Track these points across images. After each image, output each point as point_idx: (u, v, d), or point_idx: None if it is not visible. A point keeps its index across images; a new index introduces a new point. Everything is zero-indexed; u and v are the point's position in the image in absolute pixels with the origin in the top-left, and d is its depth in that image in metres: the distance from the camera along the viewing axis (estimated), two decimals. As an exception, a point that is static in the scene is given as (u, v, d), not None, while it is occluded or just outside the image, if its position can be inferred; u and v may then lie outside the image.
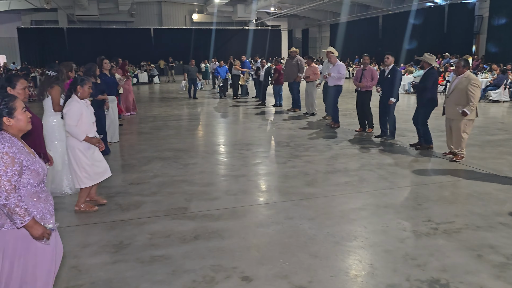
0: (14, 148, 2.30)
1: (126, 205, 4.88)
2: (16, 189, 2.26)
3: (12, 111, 2.39)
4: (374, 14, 30.09)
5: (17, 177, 2.27)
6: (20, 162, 2.30)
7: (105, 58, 8.45)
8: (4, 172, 2.22)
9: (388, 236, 3.94)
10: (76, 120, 4.26)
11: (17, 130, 2.42)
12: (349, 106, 13.25)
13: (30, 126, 2.50)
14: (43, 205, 2.44)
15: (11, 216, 2.23)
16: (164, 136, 8.99)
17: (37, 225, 2.30)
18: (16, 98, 2.45)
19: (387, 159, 6.77)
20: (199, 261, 3.54)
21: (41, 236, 2.32)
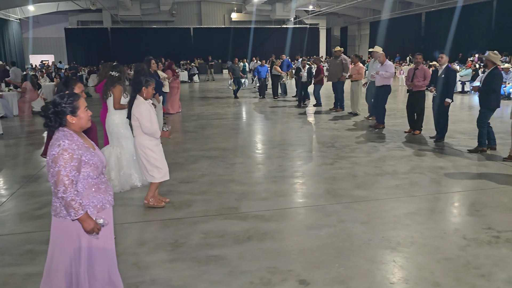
0: (74, 145, 2.44)
1: (178, 203, 4.97)
2: (74, 183, 2.42)
3: (75, 109, 2.53)
4: (416, 11, 29.25)
5: (75, 172, 2.42)
6: (78, 158, 2.45)
7: (152, 58, 8.62)
8: (63, 168, 2.38)
9: (447, 243, 3.81)
10: (149, 120, 4.46)
11: (78, 128, 2.56)
12: (393, 106, 12.96)
13: (90, 124, 2.64)
14: (103, 195, 2.62)
15: (67, 209, 2.41)
16: (209, 135, 9.10)
17: (89, 220, 2.47)
18: (80, 98, 2.59)
19: (438, 162, 6.56)
20: (254, 262, 3.55)
21: (92, 230, 2.49)
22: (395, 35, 31.21)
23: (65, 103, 2.48)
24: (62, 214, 2.52)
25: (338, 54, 11.97)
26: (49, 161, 2.44)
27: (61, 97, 2.50)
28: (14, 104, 12.62)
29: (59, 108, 2.47)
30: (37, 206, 4.98)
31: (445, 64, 7.71)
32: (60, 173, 2.37)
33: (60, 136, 2.46)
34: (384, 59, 9.33)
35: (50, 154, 2.43)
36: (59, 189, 2.37)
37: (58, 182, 2.37)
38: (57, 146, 2.41)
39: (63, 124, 2.49)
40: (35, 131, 10.16)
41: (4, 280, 3.35)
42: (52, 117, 2.46)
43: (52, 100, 2.51)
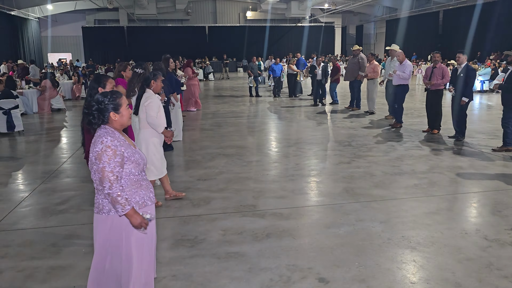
0: (116, 142, 2.47)
1: (197, 200, 5.01)
2: (119, 179, 2.45)
3: (118, 107, 2.57)
4: (434, 9, 28.84)
5: (119, 168, 2.46)
6: (121, 154, 2.48)
7: (170, 57, 8.67)
8: (108, 164, 2.41)
9: (468, 244, 3.77)
10: (156, 111, 4.45)
11: (120, 125, 2.60)
12: (410, 105, 12.82)
13: (130, 121, 2.68)
14: (145, 192, 2.64)
15: (114, 205, 2.44)
16: (225, 133, 9.14)
17: (136, 215, 2.48)
18: (122, 96, 2.63)
19: (457, 161, 6.48)
20: (274, 260, 3.56)
21: (139, 225, 2.50)
22: (411, 34, 30.83)
23: (108, 100, 2.52)
24: (104, 210, 2.54)
25: (356, 53, 11.89)
26: (92, 158, 2.47)
27: (104, 94, 2.54)
28: (34, 102, 12.85)
29: (102, 105, 2.51)
30: (59, 201, 5.07)
31: (464, 63, 7.60)
32: (104, 169, 2.40)
33: (102, 133, 2.49)
34: (404, 58, 9.23)
35: (93, 151, 2.46)
36: (105, 186, 2.40)
37: (104, 179, 2.40)
38: (100, 143, 2.44)
39: (106, 122, 2.53)
40: (54, 128, 10.33)
41: (29, 272, 3.42)
42: (96, 114, 2.50)
43: (95, 98, 2.54)
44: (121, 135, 2.57)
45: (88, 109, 2.51)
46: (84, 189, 5.50)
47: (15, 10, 26.52)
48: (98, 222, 2.60)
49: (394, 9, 33.39)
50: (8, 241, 4.02)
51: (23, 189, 5.65)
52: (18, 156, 7.54)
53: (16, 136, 9.31)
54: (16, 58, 23.70)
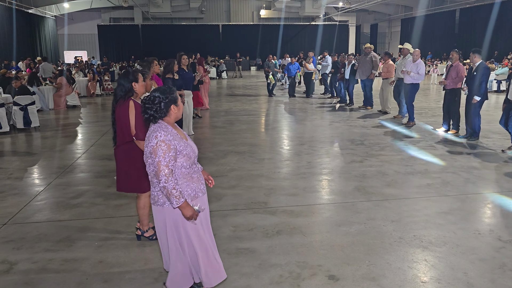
0: (169, 136, 2.55)
1: (208, 197, 5.00)
2: (173, 173, 2.53)
3: (177, 100, 2.67)
4: (450, 8, 28.45)
5: (173, 162, 2.54)
6: (174, 148, 2.56)
7: (184, 54, 8.73)
8: (163, 158, 2.50)
9: (482, 244, 3.72)
10: None
11: (175, 118, 2.69)
12: (424, 104, 12.69)
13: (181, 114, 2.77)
14: (196, 184, 2.72)
15: (168, 197, 2.53)
16: (237, 130, 9.17)
17: (189, 207, 2.57)
18: (175, 90, 2.72)
19: (472, 161, 6.40)
20: (284, 256, 3.57)
21: (191, 216, 2.59)
22: (427, 33, 30.45)
23: (169, 94, 2.62)
24: (159, 202, 2.66)
25: (368, 51, 11.80)
26: (147, 152, 2.57)
27: (164, 89, 2.63)
28: (50, 98, 13.05)
29: (168, 98, 2.60)
30: (73, 195, 5.15)
31: (478, 62, 7.49)
32: (160, 163, 2.48)
33: (156, 128, 2.57)
34: (418, 57, 9.13)
35: (148, 146, 2.55)
36: (161, 179, 2.47)
37: (159, 172, 2.47)
38: (154, 138, 2.52)
39: (166, 115, 2.62)
40: (69, 124, 10.48)
41: (43, 264, 3.49)
42: (158, 107, 2.58)
43: (156, 93, 2.60)
44: (173, 128, 2.65)
45: (151, 103, 2.58)
46: (97, 184, 5.58)
47: (32, 8, 26.95)
48: (156, 213, 2.74)
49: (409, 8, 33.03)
50: (23, 233, 4.10)
51: (39, 183, 5.75)
52: (34, 152, 7.68)
53: (32, 131, 9.47)
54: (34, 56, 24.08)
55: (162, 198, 2.64)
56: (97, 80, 17.18)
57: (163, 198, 2.63)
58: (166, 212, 2.67)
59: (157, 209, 2.71)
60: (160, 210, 2.69)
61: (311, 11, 33.94)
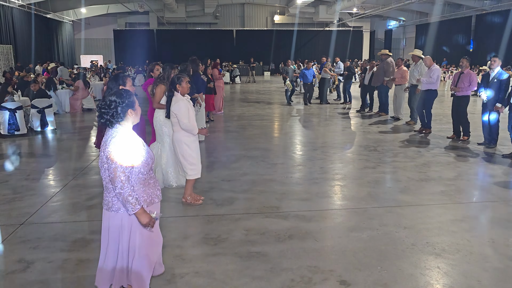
0: (127, 141, 2.55)
1: (221, 200, 5.08)
2: (129, 179, 2.52)
3: (134, 104, 2.66)
4: (466, 14, 28.19)
5: (130, 168, 2.53)
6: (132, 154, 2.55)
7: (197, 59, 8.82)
8: (120, 165, 2.48)
9: (496, 252, 3.68)
10: (187, 116, 4.53)
11: (133, 122, 2.68)
12: (439, 111, 12.58)
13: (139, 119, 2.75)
14: (152, 190, 2.74)
15: (124, 204, 2.52)
16: (250, 135, 9.20)
17: (145, 214, 2.59)
18: (132, 93, 2.73)
19: (487, 169, 6.33)
20: (295, 260, 3.58)
21: (148, 224, 2.61)
22: (442, 39, 30.20)
23: (126, 98, 2.61)
24: (114, 208, 2.65)
25: (384, 57, 11.75)
26: (103, 157, 2.54)
27: (120, 92, 2.63)
28: (66, 101, 13.27)
29: (122, 103, 2.58)
30: (88, 197, 5.24)
31: (497, 68, 7.41)
32: (117, 170, 2.47)
33: (113, 133, 2.56)
34: (431, 63, 9.08)
35: (105, 151, 2.53)
36: (117, 185, 2.47)
37: (115, 179, 2.47)
38: (112, 142, 2.51)
39: (123, 119, 2.60)
40: (86, 127, 10.65)
41: (59, 264, 3.56)
42: (114, 112, 2.56)
43: (112, 97, 2.59)
44: (132, 133, 2.64)
45: (107, 108, 2.56)
46: (112, 186, 5.65)
47: (50, 13, 27.50)
48: (108, 218, 2.71)
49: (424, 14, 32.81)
50: (40, 233, 4.19)
51: (55, 184, 5.86)
52: (51, 154, 7.82)
53: (49, 134, 9.65)
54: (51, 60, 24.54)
55: (117, 203, 2.62)
56: (113, 84, 17.41)
57: (118, 204, 2.61)
58: (120, 218, 2.66)
59: (110, 215, 2.69)
60: (113, 216, 2.67)
61: (325, 17, 33.95)
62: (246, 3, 36.49)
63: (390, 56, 11.89)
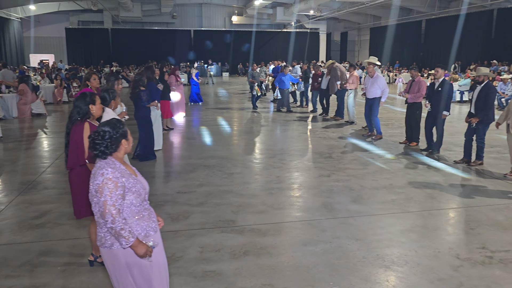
0: (117, 173, 2.44)
1: (176, 215, 5.02)
2: (120, 212, 2.41)
3: (127, 134, 2.58)
4: (417, 18, 29.36)
5: (120, 201, 2.42)
6: (122, 185, 2.44)
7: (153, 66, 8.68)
8: (109, 198, 2.37)
9: (441, 263, 3.86)
10: None
11: (125, 152, 2.59)
12: (391, 115, 13.03)
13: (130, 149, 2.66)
14: (146, 223, 2.58)
15: (117, 238, 2.40)
16: (207, 142, 9.14)
17: (141, 245, 2.45)
18: (124, 123, 2.62)
19: (434, 176, 6.62)
20: (250, 279, 3.60)
21: (144, 254, 2.47)
22: (395, 42, 31.29)
23: (120, 128, 2.51)
24: (107, 244, 2.49)
25: (330, 67, 12.10)
26: (92, 190, 2.42)
27: (113, 123, 2.52)
28: (13, 106, 12.63)
29: (119, 133, 2.49)
30: (36, 215, 5.01)
31: (442, 78, 7.78)
32: (106, 203, 2.36)
33: (102, 165, 2.44)
34: (374, 72, 9.44)
35: (93, 184, 2.41)
36: (107, 220, 2.35)
37: (105, 213, 2.36)
38: (101, 175, 2.40)
39: (116, 150, 2.50)
40: (34, 134, 10.19)
41: (2, 293, 3.39)
42: (109, 143, 2.46)
43: (106, 127, 2.49)
44: (122, 164, 2.53)
45: (101, 139, 2.46)
46: (62, 202, 5.44)
47: (-4, 10, 26.05)
48: (104, 255, 2.57)
49: (378, 17, 33.86)
50: (-19, 258, 3.96)
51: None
52: (-4, 165, 7.42)
53: (-6, 142, 9.16)
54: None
55: (110, 239, 2.48)
56: (64, 86, 16.76)
57: (111, 239, 2.47)
58: (115, 254, 2.51)
59: (104, 251, 2.53)
60: (107, 252, 2.52)
61: (282, 19, 34.26)
62: (204, 3, 36.21)
63: (334, 62, 12.28)
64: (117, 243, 2.46)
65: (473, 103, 7.08)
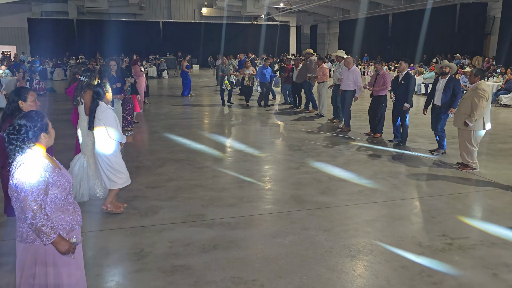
0: (39, 167, 2.36)
1: (144, 210, 4.97)
2: (42, 208, 2.34)
3: (47, 126, 2.49)
4: (384, 12, 29.91)
5: (42, 196, 2.35)
6: (45, 180, 2.37)
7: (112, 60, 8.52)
8: (30, 193, 2.29)
9: (404, 251, 4.01)
10: (116, 125, 4.47)
11: (46, 145, 2.51)
12: (359, 107, 13.28)
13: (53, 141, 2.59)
14: (72, 217, 2.55)
15: (38, 234, 2.34)
16: (177, 136, 9.07)
17: (63, 241, 2.41)
18: (45, 115, 2.53)
19: (399, 167, 6.83)
20: (219, 272, 3.63)
21: (67, 251, 2.43)
22: (363, 35, 31.78)
23: (38, 121, 2.42)
24: (29, 239, 2.42)
25: (307, 56, 12.19)
26: (12, 185, 2.33)
27: (30, 116, 2.42)
28: (-28, 100, 12.13)
29: (37, 126, 2.40)
30: (-2, 213, 4.86)
31: (405, 71, 8.01)
32: (27, 198, 2.28)
33: (23, 159, 2.36)
34: (352, 65, 9.56)
35: (13, 178, 2.32)
36: (27, 215, 2.28)
37: (26, 208, 2.28)
38: (21, 169, 2.31)
39: (35, 143, 2.41)
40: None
41: (-37, 294, 3.28)
42: (26, 137, 2.36)
43: (21, 121, 2.38)
44: (45, 158, 2.45)
45: (17, 133, 2.35)
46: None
47: (-48, -2, 24.75)
48: (22, 251, 2.49)
49: (347, 11, 34.28)
50: None
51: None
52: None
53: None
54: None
55: (32, 234, 2.40)
56: (27, 79, 16.18)
57: (33, 234, 2.39)
58: (36, 250, 2.45)
59: (25, 247, 2.45)
60: (27, 248, 2.44)
61: (252, 11, 34.15)
62: (173, -6, 35.66)
63: (313, 55, 12.36)
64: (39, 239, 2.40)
65: (438, 95, 7.31)
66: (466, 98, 6.45)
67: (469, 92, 6.45)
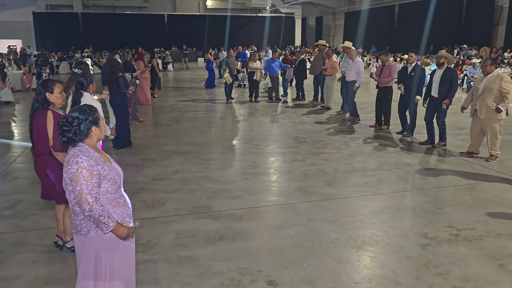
0: (91, 161, 2.41)
1: (151, 202, 5.01)
2: (98, 200, 2.40)
3: (98, 120, 2.52)
4: (390, 3, 29.64)
5: (97, 189, 2.40)
6: (98, 173, 2.42)
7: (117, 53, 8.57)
8: (85, 186, 2.35)
9: (410, 242, 4.01)
10: None
11: (97, 140, 2.55)
12: (365, 99, 13.22)
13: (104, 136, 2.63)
14: (122, 209, 2.59)
15: (97, 225, 2.41)
16: (182, 128, 9.09)
17: (122, 228, 2.48)
18: (97, 109, 2.57)
19: (405, 158, 6.80)
20: (225, 263, 3.65)
21: (127, 236, 2.51)
22: (369, 26, 31.57)
23: (89, 114, 2.46)
24: (83, 232, 2.48)
25: (321, 48, 12.11)
26: (66, 179, 2.39)
27: (83, 109, 2.47)
28: (-20, 94, 12.22)
29: (88, 119, 2.45)
30: (6, 205, 4.91)
31: (414, 62, 7.94)
32: (82, 192, 2.34)
33: (76, 153, 2.40)
34: (355, 56, 9.50)
35: (68, 172, 2.38)
36: (84, 208, 2.33)
37: (82, 201, 2.34)
38: (75, 164, 2.36)
39: (86, 137, 2.46)
40: (3, 123, 9.89)
41: (-27, 285, 3.33)
42: (77, 130, 2.42)
43: (75, 113, 2.44)
44: (96, 152, 2.50)
45: (69, 125, 2.41)
46: (33, 191, 5.34)
47: (-42, -7, 24.87)
48: (78, 243, 2.56)
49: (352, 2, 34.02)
50: (-50, 250, 3.88)
51: (-32, 192, 5.42)
52: (-38, 155, 7.19)
53: (-40, 132, 8.85)
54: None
55: (86, 226, 2.47)
56: (33, 73, 16.25)
57: (87, 227, 2.47)
58: (88, 242, 2.51)
59: (80, 239, 2.53)
60: (82, 240, 2.52)
61: (257, 3, 34.01)
62: (177, -13, 35.56)
63: (327, 47, 12.28)
64: (93, 231, 2.47)
65: (434, 86, 7.24)
66: (491, 89, 6.34)
67: (493, 82, 6.34)
